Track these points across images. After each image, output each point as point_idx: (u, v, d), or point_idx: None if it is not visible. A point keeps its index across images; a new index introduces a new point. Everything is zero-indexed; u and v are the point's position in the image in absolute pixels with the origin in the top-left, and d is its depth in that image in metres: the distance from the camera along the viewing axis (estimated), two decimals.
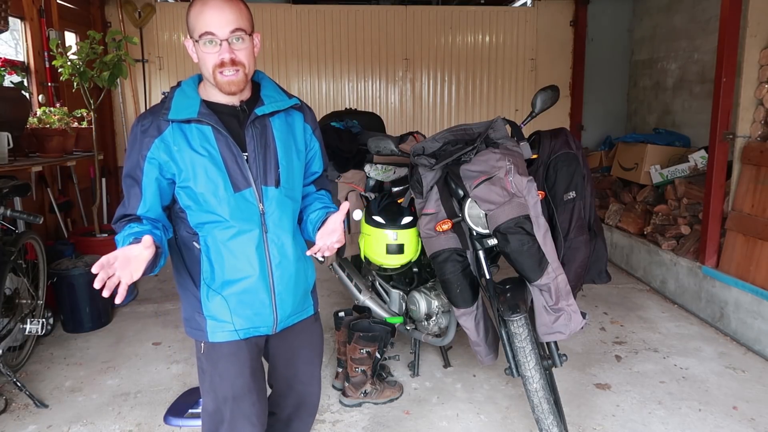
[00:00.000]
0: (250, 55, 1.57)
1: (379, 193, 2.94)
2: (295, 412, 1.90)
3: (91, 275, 1.39)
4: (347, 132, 3.07)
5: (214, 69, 1.53)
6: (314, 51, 6.31)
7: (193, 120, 1.55)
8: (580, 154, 2.44)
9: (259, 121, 1.61)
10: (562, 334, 2.17)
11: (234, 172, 1.57)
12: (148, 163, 1.55)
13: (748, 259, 3.48)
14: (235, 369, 1.66)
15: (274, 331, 1.71)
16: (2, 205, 2.95)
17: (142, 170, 1.55)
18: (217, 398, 1.68)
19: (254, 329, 1.67)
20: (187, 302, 1.69)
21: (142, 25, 6.05)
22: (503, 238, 2.12)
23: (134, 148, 1.57)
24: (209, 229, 1.60)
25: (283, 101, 1.67)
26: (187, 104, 1.57)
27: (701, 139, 4.94)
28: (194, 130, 1.56)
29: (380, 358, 2.82)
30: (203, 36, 1.51)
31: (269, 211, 1.62)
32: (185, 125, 1.56)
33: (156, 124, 1.56)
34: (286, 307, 1.70)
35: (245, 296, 1.63)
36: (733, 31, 3.52)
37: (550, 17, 6.40)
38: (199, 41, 1.52)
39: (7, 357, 2.94)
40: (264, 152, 1.61)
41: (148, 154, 1.55)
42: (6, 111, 3.40)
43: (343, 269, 3.27)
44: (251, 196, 1.59)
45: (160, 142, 1.55)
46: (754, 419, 2.64)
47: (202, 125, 1.56)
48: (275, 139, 1.64)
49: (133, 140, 1.58)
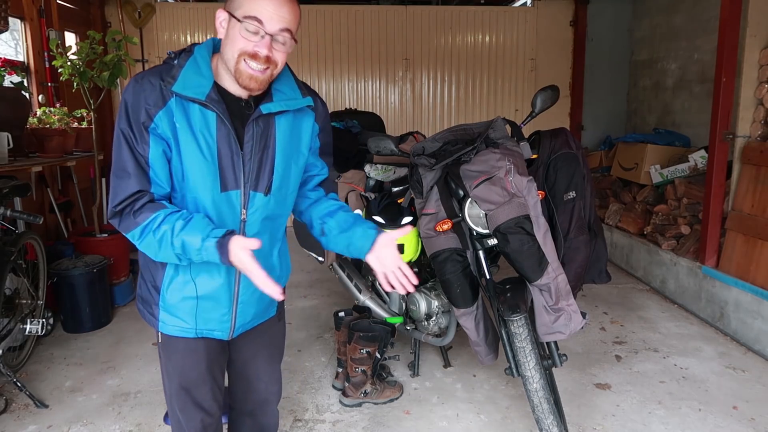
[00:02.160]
0: (284, 60, 1.42)
1: (379, 193, 2.94)
2: (259, 408, 1.83)
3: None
4: (347, 132, 3.07)
5: (241, 55, 1.35)
6: (314, 51, 6.31)
7: (199, 101, 1.38)
8: (580, 154, 2.44)
9: (263, 118, 1.45)
10: (562, 334, 2.17)
11: (227, 169, 1.42)
12: (152, 134, 1.37)
13: (748, 259, 3.48)
14: (190, 362, 1.60)
15: (230, 337, 1.62)
16: (2, 205, 2.94)
17: (148, 142, 1.37)
18: (172, 386, 1.63)
19: (209, 332, 1.58)
20: (145, 284, 1.56)
21: (142, 25, 6.05)
22: (503, 238, 2.12)
23: (132, 114, 1.37)
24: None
25: (295, 100, 1.49)
26: (198, 82, 1.39)
27: (701, 139, 4.94)
28: (197, 112, 1.39)
29: (380, 358, 2.82)
30: (249, 20, 1.32)
31: (251, 220, 1.48)
32: (188, 102, 1.38)
33: (160, 91, 1.37)
34: (246, 316, 1.61)
35: (206, 301, 1.53)
36: (733, 31, 3.52)
37: (550, 17, 6.39)
38: (242, 22, 1.33)
39: (7, 357, 2.94)
40: (261, 154, 1.45)
41: (151, 124, 1.37)
42: (6, 111, 3.40)
43: (343, 269, 3.27)
44: (236, 200, 1.45)
45: (164, 114, 1.37)
46: (754, 419, 2.64)
47: (207, 109, 1.39)
48: (276, 141, 1.47)
49: (133, 105, 1.36)
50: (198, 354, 1.60)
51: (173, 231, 1.37)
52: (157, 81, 1.38)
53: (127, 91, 1.39)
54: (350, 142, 2.97)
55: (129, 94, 1.38)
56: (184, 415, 1.65)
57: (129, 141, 1.38)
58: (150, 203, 1.39)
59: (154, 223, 1.38)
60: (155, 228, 1.38)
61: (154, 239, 1.38)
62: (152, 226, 1.38)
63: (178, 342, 1.58)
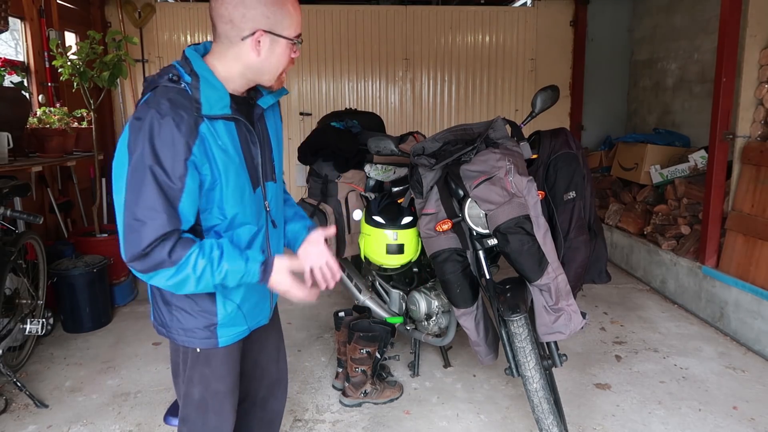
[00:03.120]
0: None
1: (379, 193, 2.94)
2: (270, 391, 1.88)
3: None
4: (347, 132, 3.07)
5: (284, 70, 1.45)
6: (314, 51, 6.31)
7: (227, 117, 1.40)
8: (580, 154, 2.45)
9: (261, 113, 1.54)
10: (562, 334, 2.17)
11: (252, 169, 1.49)
12: (190, 168, 1.34)
13: (748, 259, 3.48)
14: (230, 366, 1.63)
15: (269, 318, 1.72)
16: (2, 205, 2.94)
17: (185, 176, 1.33)
18: (207, 390, 1.62)
19: (256, 323, 1.66)
20: (188, 314, 1.54)
21: (142, 25, 6.05)
22: (503, 238, 2.12)
23: (164, 151, 1.30)
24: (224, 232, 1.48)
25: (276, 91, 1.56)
26: (217, 97, 1.39)
27: (701, 139, 4.94)
28: (222, 126, 1.40)
29: (380, 358, 2.82)
30: (298, 37, 1.43)
31: (272, 207, 1.59)
32: (215, 121, 1.39)
33: (189, 120, 1.33)
34: (275, 295, 1.71)
35: (253, 296, 1.60)
36: (733, 31, 3.52)
37: (550, 17, 6.39)
38: (294, 41, 1.42)
39: (7, 357, 2.94)
40: (264, 146, 1.54)
41: (191, 157, 1.33)
42: (6, 111, 3.40)
43: (343, 269, 3.27)
44: (260, 194, 1.54)
45: (200, 142, 1.35)
46: (754, 419, 2.64)
47: (228, 121, 1.41)
48: (269, 131, 1.58)
49: (164, 139, 1.30)
50: (235, 356, 1.64)
51: (213, 263, 1.38)
52: (183, 111, 1.34)
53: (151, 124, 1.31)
54: (350, 142, 2.97)
55: (155, 126, 1.30)
56: (220, 417, 1.66)
57: (159, 179, 1.31)
58: (180, 241, 1.36)
59: (190, 259, 1.36)
60: (193, 264, 1.36)
61: (193, 275, 1.37)
62: (188, 263, 1.36)
63: (221, 348, 1.58)
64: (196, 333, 1.55)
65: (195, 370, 1.61)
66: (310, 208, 2.91)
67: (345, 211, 2.92)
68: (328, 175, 2.93)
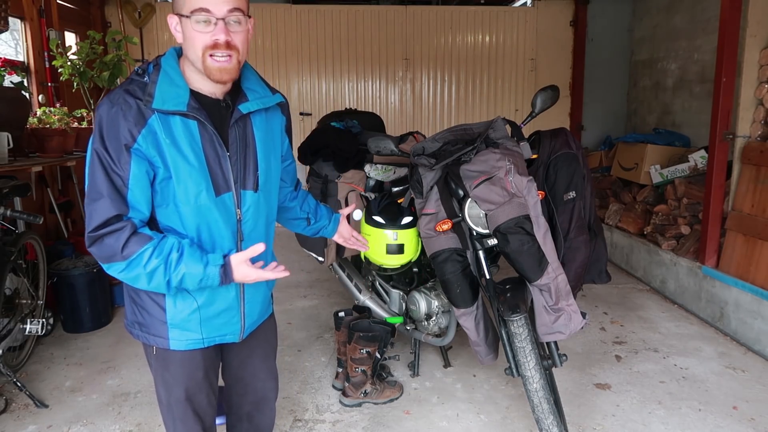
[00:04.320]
0: (245, 41, 1.42)
1: (379, 193, 2.94)
2: (256, 408, 1.84)
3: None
4: (347, 132, 3.07)
5: (205, 51, 1.36)
6: (314, 51, 6.31)
7: (181, 113, 1.38)
8: (580, 154, 2.44)
9: (242, 118, 1.48)
10: (562, 334, 2.17)
11: (216, 174, 1.44)
12: (134, 155, 1.35)
13: (748, 259, 3.48)
14: (188, 372, 1.58)
15: (241, 338, 1.65)
16: (2, 205, 2.94)
17: (129, 163, 1.35)
18: (171, 395, 1.60)
19: (221, 337, 1.60)
20: (142, 306, 1.52)
21: (142, 25, 6.05)
22: (503, 238, 2.12)
23: (109, 135, 1.34)
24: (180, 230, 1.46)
25: (267, 98, 1.53)
26: (175, 93, 1.38)
27: (701, 139, 4.94)
28: (178, 123, 1.39)
29: (380, 358, 2.82)
30: (196, 12, 1.34)
31: (246, 218, 1.52)
32: (169, 115, 1.38)
33: (138, 110, 1.35)
34: (253, 314, 1.65)
35: (215, 306, 1.54)
36: (733, 31, 3.52)
37: (550, 17, 6.40)
38: (190, 17, 1.35)
39: (7, 357, 2.94)
40: (245, 153, 1.49)
41: (134, 145, 1.34)
42: (6, 111, 3.40)
43: (343, 269, 3.27)
44: (230, 201, 1.48)
45: (147, 133, 1.35)
46: (754, 419, 2.64)
47: (187, 119, 1.40)
48: (255, 138, 1.51)
49: (110, 125, 1.34)
50: (195, 362, 1.59)
51: (168, 264, 1.37)
52: (133, 100, 1.36)
53: (102, 111, 1.36)
54: (350, 142, 2.97)
55: (104, 114, 1.35)
56: (185, 424, 1.63)
57: (104, 162, 1.35)
58: (134, 236, 1.36)
59: (143, 257, 1.36)
60: (145, 262, 1.36)
61: (144, 272, 1.37)
62: (141, 260, 1.36)
63: (176, 353, 1.55)
64: (150, 329, 1.53)
65: (157, 371, 1.60)
66: None
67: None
68: (328, 175, 2.93)
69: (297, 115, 6.44)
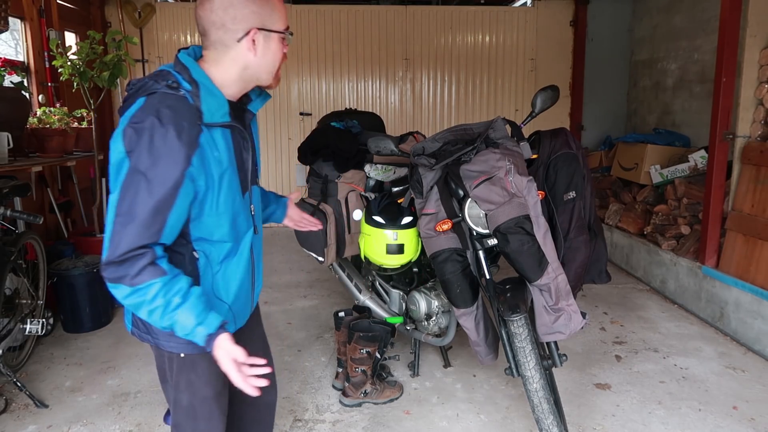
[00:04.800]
0: None
1: (379, 193, 2.94)
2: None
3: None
4: (347, 132, 3.07)
5: (280, 66, 1.45)
6: (314, 51, 6.31)
7: (226, 124, 1.38)
8: (580, 154, 2.44)
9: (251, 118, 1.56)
10: (562, 334, 2.17)
11: (245, 175, 1.49)
12: (187, 179, 1.30)
13: (748, 259, 3.48)
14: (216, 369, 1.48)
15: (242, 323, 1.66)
16: (2, 205, 2.94)
17: (179, 190, 1.29)
18: (195, 397, 1.57)
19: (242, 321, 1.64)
20: None
21: (142, 25, 6.05)
22: (503, 238, 2.12)
23: (169, 162, 1.27)
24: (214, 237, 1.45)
25: (264, 95, 1.57)
26: (217, 105, 1.37)
27: (701, 139, 4.94)
28: (219, 133, 1.38)
29: (380, 358, 2.82)
30: (287, 30, 1.43)
31: (256, 211, 1.59)
32: (213, 128, 1.37)
33: (189, 129, 1.30)
34: (256, 296, 1.70)
35: (242, 298, 1.58)
36: (733, 31, 3.52)
37: (550, 17, 6.40)
38: (284, 34, 1.42)
39: (7, 357, 2.94)
40: (253, 150, 1.56)
41: (189, 168, 1.29)
42: (6, 111, 3.40)
43: (343, 269, 3.27)
44: (248, 198, 1.54)
45: (200, 151, 1.32)
46: (754, 419, 2.65)
47: (225, 128, 1.40)
48: (254, 136, 1.58)
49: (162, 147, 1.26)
50: None
51: (167, 306, 1.31)
52: (184, 121, 1.30)
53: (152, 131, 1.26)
54: (350, 142, 2.97)
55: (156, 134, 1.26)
56: (209, 423, 1.62)
57: (153, 188, 1.27)
58: (151, 266, 1.30)
59: (150, 290, 1.30)
60: (151, 298, 1.30)
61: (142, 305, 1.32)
62: (147, 292, 1.30)
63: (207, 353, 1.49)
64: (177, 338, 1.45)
65: (181, 376, 1.57)
66: (310, 208, 2.90)
67: (345, 211, 2.92)
68: (328, 175, 2.93)
69: (297, 115, 6.44)
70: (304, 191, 3.30)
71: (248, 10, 1.35)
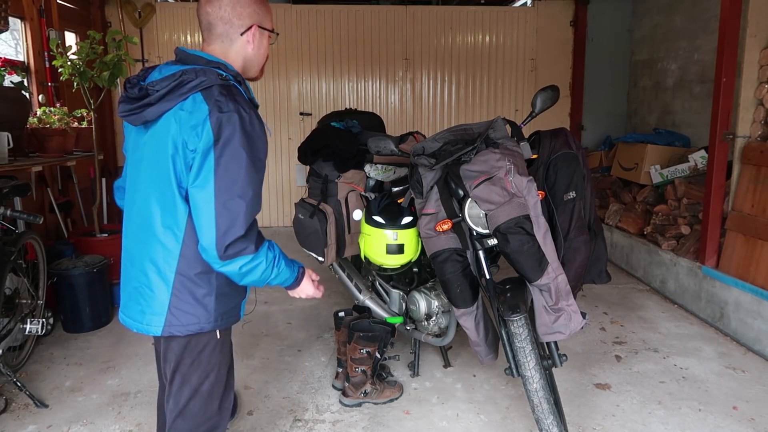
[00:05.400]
0: None
1: (379, 193, 2.94)
2: None
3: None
4: (347, 132, 3.07)
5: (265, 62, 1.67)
6: (314, 51, 6.31)
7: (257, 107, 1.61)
8: (580, 154, 2.44)
9: None
10: (562, 334, 2.17)
11: None
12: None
13: (748, 259, 3.48)
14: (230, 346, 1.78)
15: None
16: (2, 205, 2.94)
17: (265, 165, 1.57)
18: (220, 372, 1.71)
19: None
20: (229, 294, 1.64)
21: (142, 25, 6.05)
22: (503, 238, 2.12)
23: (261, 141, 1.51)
24: None
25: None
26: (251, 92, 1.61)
27: (701, 139, 4.94)
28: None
29: (380, 358, 2.82)
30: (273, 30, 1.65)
31: None
32: None
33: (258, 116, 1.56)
34: None
35: None
36: (733, 31, 3.52)
37: (550, 17, 6.39)
38: (272, 31, 1.65)
39: (7, 357, 2.94)
40: None
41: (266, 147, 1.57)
42: (6, 111, 3.40)
43: (343, 269, 3.27)
44: None
45: None
46: (754, 419, 2.64)
47: None
48: None
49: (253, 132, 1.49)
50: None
51: (275, 259, 1.55)
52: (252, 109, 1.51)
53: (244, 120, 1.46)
54: (350, 142, 2.97)
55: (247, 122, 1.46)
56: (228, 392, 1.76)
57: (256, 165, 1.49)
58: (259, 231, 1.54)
59: (264, 251, 1.52)
60: (266, 258, 1.52)
61: (258, 267, 1.51)
62: (263, 254, 1.52)
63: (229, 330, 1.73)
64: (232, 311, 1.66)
65: (212, 358, 1.67)
66: (310, 208, 2.90)
67: (345, 211, 2.91)
68: (328, 175, 2.93)
69: (297, 115, 6.44)
70: (304, 191, 3.30)
71: (251, 8, 1.59)
